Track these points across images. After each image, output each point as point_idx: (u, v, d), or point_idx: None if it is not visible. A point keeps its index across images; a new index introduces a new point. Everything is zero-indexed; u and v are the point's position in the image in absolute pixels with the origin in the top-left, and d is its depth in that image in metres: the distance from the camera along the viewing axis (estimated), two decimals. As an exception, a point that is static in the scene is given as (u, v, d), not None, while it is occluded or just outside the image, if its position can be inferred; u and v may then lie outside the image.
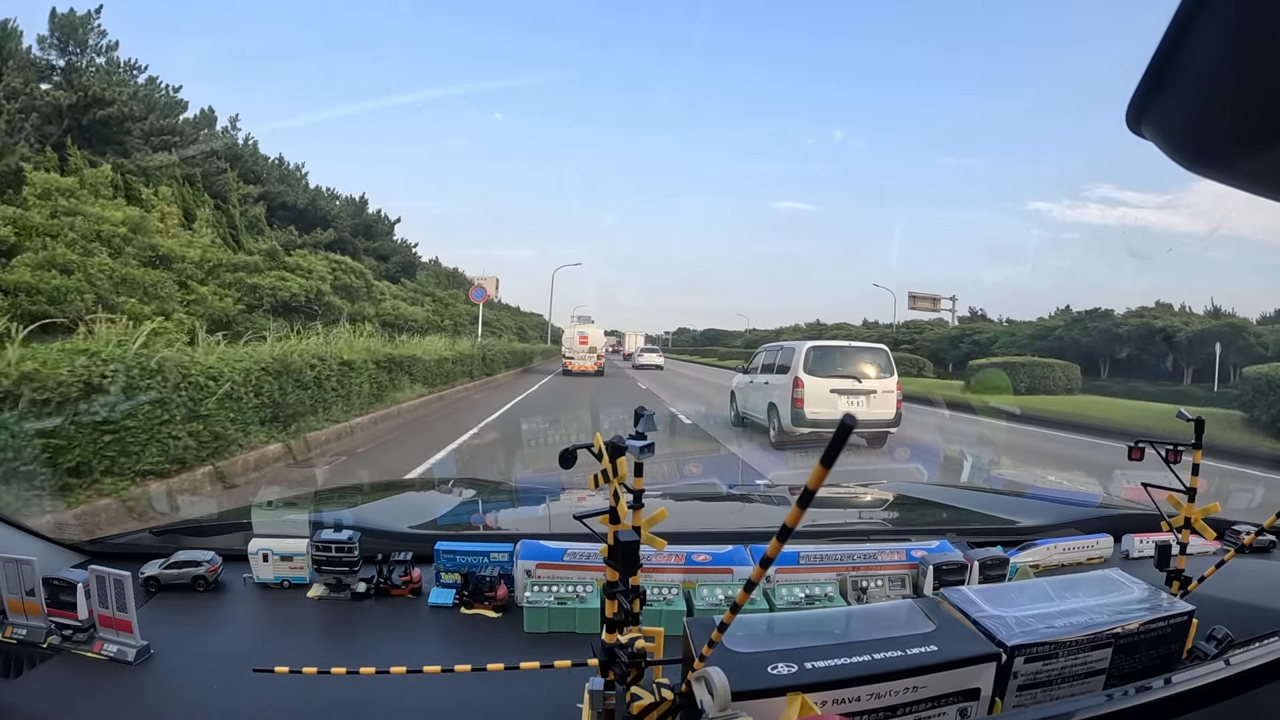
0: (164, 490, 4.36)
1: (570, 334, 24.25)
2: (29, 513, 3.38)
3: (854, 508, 1.87)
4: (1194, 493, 0.97)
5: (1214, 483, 3.55)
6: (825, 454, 0.43)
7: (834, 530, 1.44)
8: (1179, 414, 1.05)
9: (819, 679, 0.63)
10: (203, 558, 1.10)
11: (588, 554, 1.05)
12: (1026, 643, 0.71)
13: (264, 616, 1.05)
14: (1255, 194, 0.47)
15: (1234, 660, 0.74)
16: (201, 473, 4.86)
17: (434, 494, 1.96)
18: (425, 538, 1.22)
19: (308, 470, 5.88)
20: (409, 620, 1.04)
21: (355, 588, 1.08)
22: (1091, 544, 1.32)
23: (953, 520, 1.68)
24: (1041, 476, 5.43)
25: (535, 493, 2.01)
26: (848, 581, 1.10)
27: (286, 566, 1.11)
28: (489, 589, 1.05)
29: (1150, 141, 0.44)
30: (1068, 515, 1.55)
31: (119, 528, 3.13)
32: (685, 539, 1.15)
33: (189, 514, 1.76)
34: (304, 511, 1.50)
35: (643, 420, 0.69)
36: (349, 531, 1.09)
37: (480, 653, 0.89)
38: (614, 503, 0.66)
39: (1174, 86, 0.40)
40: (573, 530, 1.16)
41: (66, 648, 0.88)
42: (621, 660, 0.66)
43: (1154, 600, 0.82)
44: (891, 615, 0.78)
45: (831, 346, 8.68)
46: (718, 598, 1.02)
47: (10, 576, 0.89)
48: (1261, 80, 0.37)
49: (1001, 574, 1.13)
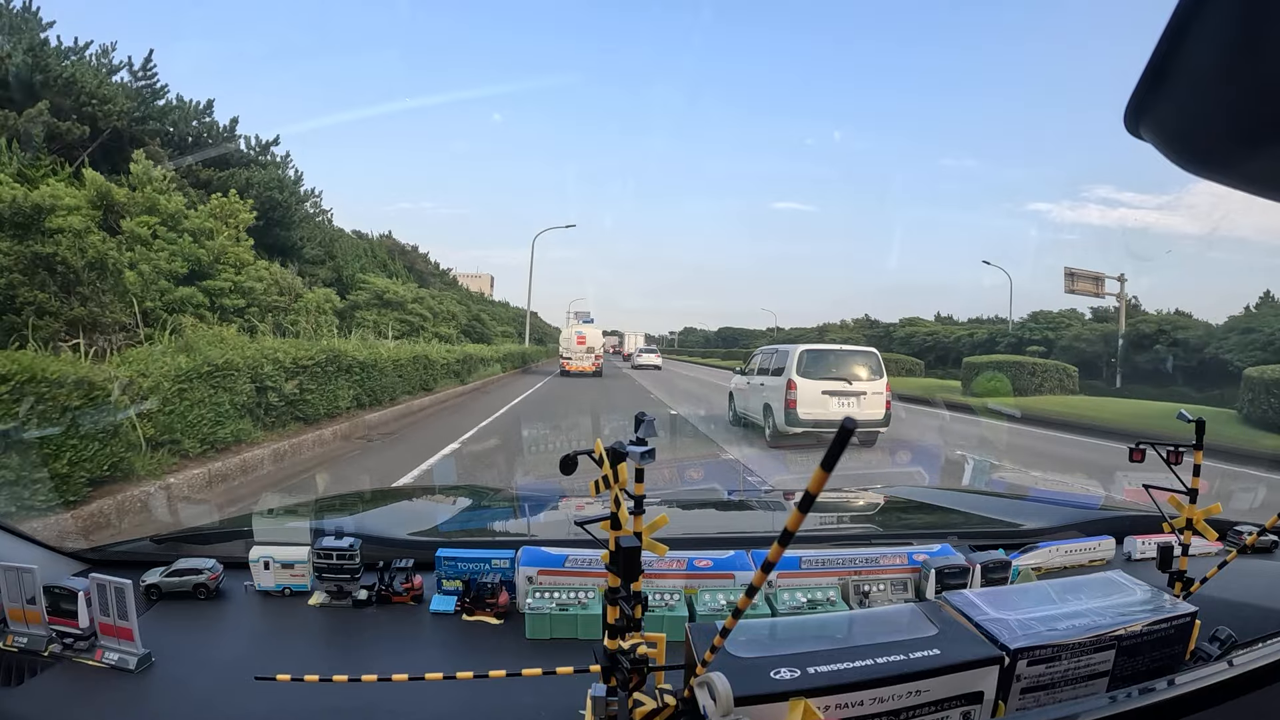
0: (164, 497, 4.37)
1: (568, 334, 24.50)
2: (30, 519, 3.38)
3: (855, 512, 1.87)
4: (1195, 494, 0.97)
5: (1215, 483, 3.54)
6: (826, 458, 0.43)
7: (836, 534, 1.44)
8: (1179, 415, 1.05)
9: (821, 684, 0.62)
10: (204, 565, 1.10)
11: (589, 560, 1.05)
12: (1029, 645, 0.71)
13: (265, 624, 1.05)
14: (1254, 194, 0.47)
15: (1237, 661, 0.74)
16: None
17: (435, 501, 1.96)
18: (427, 544, 1.22)
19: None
20: (411, 627, 1.03)
21: (357, 595, 1.08)
22: (1094, 546, 1.32)
23: (954, 523, 1.68)
24: (1042, 479, 5.42)
25: (536, 499, 2.01)
26: (850, 586, 1.10)
27: (288, 574, 1.11)
28: (491, 596, 1.05)
29: (1149, 143, 0.45)
30: (1070, 517, 1.54)
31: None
32: (687, 544, 1.15)
33: (190, 522, 1.76)
34: (305, 519, 1.50)
35: (643, 426, 0.69)
36: (350, 539, 1.09)
37: (482, 659, 0.89)
38: (615, 508, 0.66)
39: (1172, 88, 0.41)
40: (574, 536, 1.17)
41: (68, 656, 0.88)
42: (624, 666, 0.66)
43: (1157, 602, 0.82)
44: (894, 619, 0.77)
45: (824, 349, 9.17)
46: (720, 603, 1.01)
47: (11, 584, 0.89)
48: (1259, 81, 0.37)
49: (1004, 577, 1.12)
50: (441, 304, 24.55)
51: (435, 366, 13.43)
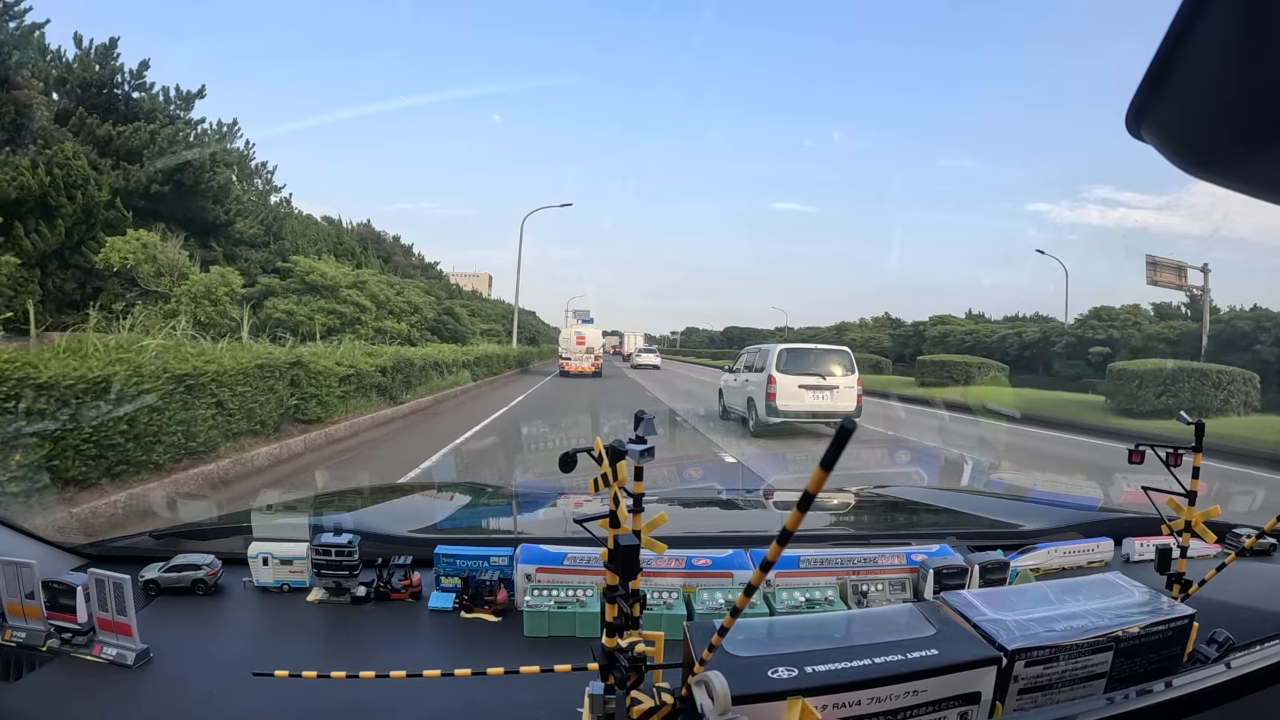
0: (163, 493, 4.37)
1: (567, 334, 24.75)
2: (30, 515, 3.38)
3: (854, 511, 1.87)
4: (1194, 496, 0.97)
5: (1214, 485, 3.54)
6: (825, 457, 0.43)
7: (834, 534, 1.44)
8: (1179, 417, 1.05)
9: (819, 683, 0.62)
10: (202, 561, 1.10)
11: (588, 558, 1.05)
12: (1027, 646, 0.71)
13: (264, 620, 1.05)
14: (1254, 197, 0.47)
15: (1235, 663, 0.74)
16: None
17: (434, 498, 1.96)
18: (425, 541, 1.22)
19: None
20: (409, 624, 1.04)
21: (355, 591, 1.08)
22: (1092, 547, 1.32)
23: (953, 524, 1.68)
24: (1040, 479, 5.43)
25: (535, 497, 2.01)
26: (848, 585, 1.10)
27: (286, 570, 1.11)
28: (489, 593, 1.05)
29: (1150, 145, 0.45)
30: (1068, 519, 1.54)
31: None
32: (685, 543, 1.15)
33: (189, 517, 1.76)
34: (304, 515, 1.50)
35: (643, 424, 0.68)
36: (349, 535, 1.09)
37: (480, 657, 0.89)
38: (614, 507, 0.66)
39: (1173, 90, 0.41)
40: (573, 534, 1.17)
41: (66, 651, 0.88)
42: (621, 664, 0.66)
43: (1155, 603, 0.82)
44: (892, 619, 0.77)
45: (802, 348, 10.26)
46: (718, 602, 1.01)
47: (10, 579, 0.89)
48: (1260, 83, 0.37)
49: (1002, 577, 1.12)
50: (399, 293, 20.07)
51: (326, 380, 7.81)
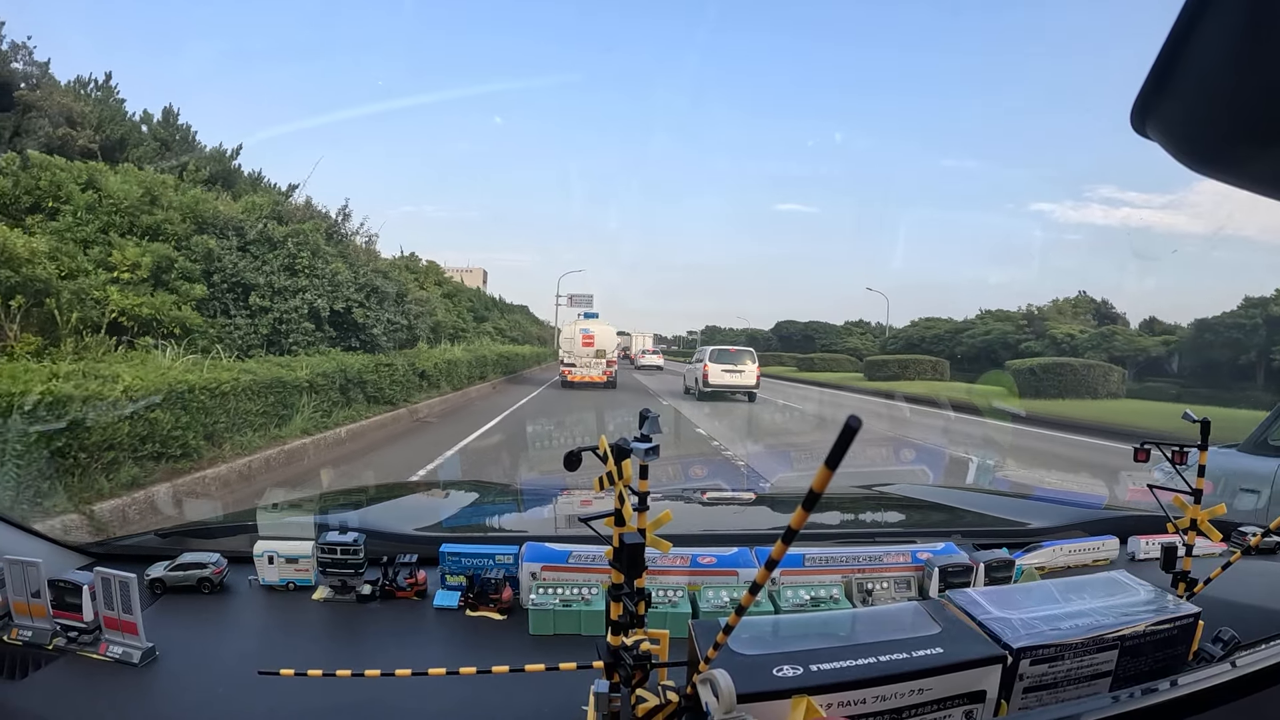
0: (169, 492, 4.39)
1: (570, 333, 18.43)
2: (36, 514, 3.40)
3: (859, 510, 1.87)
4: (1200, 494, 0.96)
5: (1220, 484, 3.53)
6: (830, 455, 0.43)
7: (839, 532, 1.44)
8: (1184, 415, 1.04)
9: (824, 681, 0.62)
10: (208, 560, 1.11)
11: (593, 556, 1.05)
12: (1032, 645, 0.71)
13: (269, 618, 1.06)
14: (1260, 194, 0.47)
15: (1240, 662, 0.73)
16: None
17: (439, 496, 1.97)
18: (430, 540, 1.23)
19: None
20: (414, 622, 1.04)
21: (360, 590, 1.08)
22: (1097, 546, 1.32)
23: (958, 522, 1.68)
24: (1045, 478, 5.41)
25: (540, 495, 2.01)
26: (853, 584, 1.10)
27: (292, 569, 1.11)
28: (494, 591, 1.05)
29: (1155, 142, 0.44)
30: (1073, 517, 1.54)
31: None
32: (690, 541, 1.15)
33: (194, 516, 1.76)
34: (309, 514, 1.50)
35: (647, 423, 0.69)
36: (354, 534, 1.09)
37: (485, 655, 0.90)
38: (619, 505, 0.66)
39: (1178, 87, 0.40)
40: (578, 533, 1.17)
41: (72, 649, 0.88)
42: (627, 663, 0.66)
43: (1160, 602, 0.82)
44: (897, 617, 0.77)
45: (723, 349, 18.03)
46: (723, 600, 1.02)
47: (16, 578, 0.89)
48: (1266, 80, 0.37)
49: (1007, 576, 1.12)
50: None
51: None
